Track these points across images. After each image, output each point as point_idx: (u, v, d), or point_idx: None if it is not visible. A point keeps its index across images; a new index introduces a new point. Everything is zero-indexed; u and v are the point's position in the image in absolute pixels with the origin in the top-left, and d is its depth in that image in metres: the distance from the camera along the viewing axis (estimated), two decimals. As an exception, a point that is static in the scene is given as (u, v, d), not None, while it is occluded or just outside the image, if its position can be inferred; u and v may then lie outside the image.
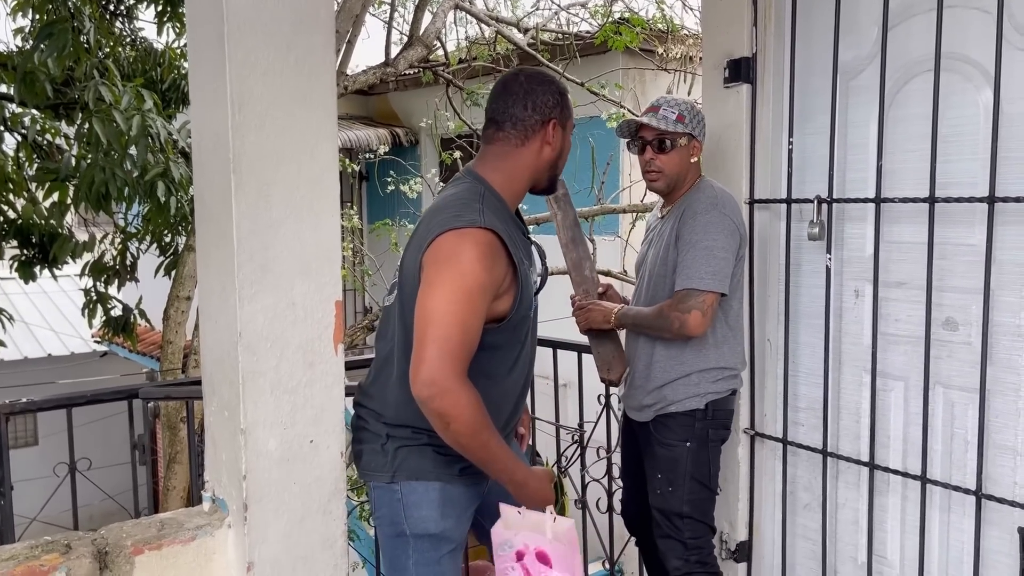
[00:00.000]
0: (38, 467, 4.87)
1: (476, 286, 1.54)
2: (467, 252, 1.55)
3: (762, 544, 2.41)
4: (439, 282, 1.55)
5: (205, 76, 1.62)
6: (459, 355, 1.52)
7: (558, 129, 1.73)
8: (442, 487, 1.67)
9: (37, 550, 1.51)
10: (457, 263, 1.55)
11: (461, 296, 1.53)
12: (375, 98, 8.92)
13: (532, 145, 1.72)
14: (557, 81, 1.78)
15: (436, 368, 1.50)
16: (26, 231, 5.13)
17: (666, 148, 2.13)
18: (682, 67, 6.17)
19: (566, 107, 1.76)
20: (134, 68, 5.47)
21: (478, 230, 1.57)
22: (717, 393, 2.12)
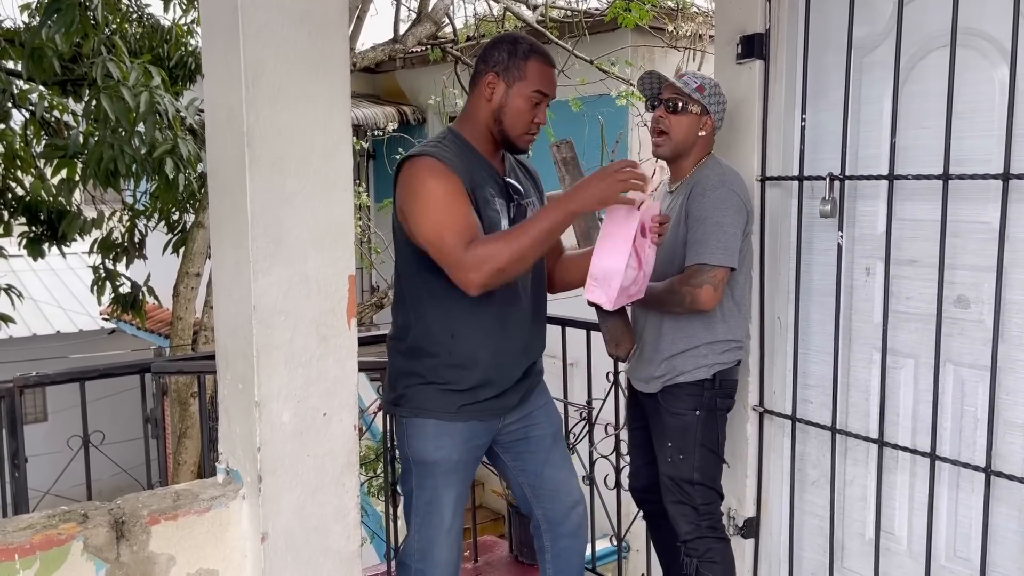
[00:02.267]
0: (48, 443, 4.91)
1: (442, 191, 1.77)
2: (420, 173, 1.80)
3: (770, 520, 2.43)
4: (418, 209, 1.79)
5: (218, 49, 1.62)
6: (467, 238, 1.73)
7: (498, 82, 1.86)
8: (436, 422, 1.88)
9: (55, 519, 1.53)
10: (420, 184, 1.79)
11: (438, 204, 1.76)
12: (382, 76, 8.89)
13: (477, 95, 1.90)
14: (521, 42, 1.90)
15: (463, 264, 1.72)
16: (34, 208, 5.14)
17: (677, 110, 2.14)
18: (692, 45, 6.13)
19: (515, 66, 1.86)
20: (141, 45, 5.45)
21: (423, 158, 1.81)
22: (724, 364, 2.15)
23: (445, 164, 1.80)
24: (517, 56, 1.86)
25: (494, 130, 1.90)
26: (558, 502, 2.06)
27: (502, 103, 1.87)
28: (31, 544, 1.45)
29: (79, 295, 10.52)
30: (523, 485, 2.07)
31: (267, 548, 1.64)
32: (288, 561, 1.67)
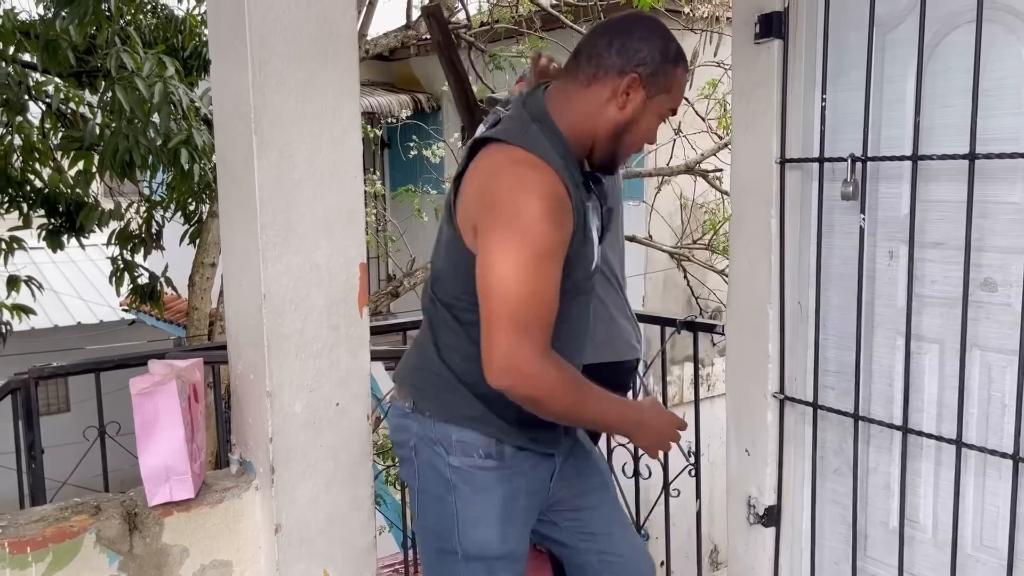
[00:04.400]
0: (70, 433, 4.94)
1: (542, 237, 1.30)
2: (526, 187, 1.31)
3: (791, 509, 2.39)
4: (499, 229, 1.31)
5: (225, 35, 1.59)
6: (539, 326, 1.33)
7: (638, 89, 1.44)
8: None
9: (67, 511, 1.52)
10: (517, 203, 1.30)
11: (529, 251, 1.30)
12: (396, 63, 8.85)
13: (599, 91, 1.44)
14: (671, 40, 1.49)
15: (511, 355, 1.31)
16: (53, 200, 5.17)
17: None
18: (709, 27, 6.06)
19: (663, 74, 1.46)
20: (155, 35, 5.46)
21: (534, 161, 1.32)
22: None
23: (563, 191, 1.36)
24: (668, 60, 1.47)
25: (602, 141, 1.48)
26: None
27: (635, 116, 1.46)
28: (43, 536, 1.44)
29: (99, 286, 10.60)
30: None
31: (281, 539, 1.63)
32: (302, 552, 1.65)
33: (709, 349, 6.29)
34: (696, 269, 6.52)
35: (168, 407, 1.52)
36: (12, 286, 5.25)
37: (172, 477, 1.56)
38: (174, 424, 1.52)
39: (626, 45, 1.43)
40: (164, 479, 1.56)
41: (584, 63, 1.45)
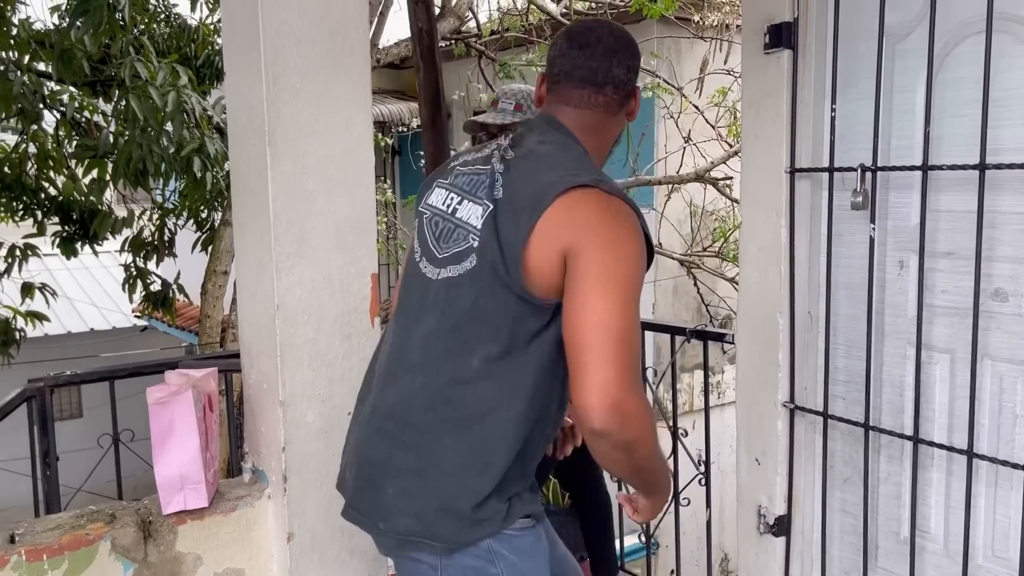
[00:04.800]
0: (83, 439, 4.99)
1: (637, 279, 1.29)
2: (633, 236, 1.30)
3: (801, 518, 2.39)
4: (603, 272, 1.27)
5: (239, 47, 1.61)
6: (637, 370, 1.29)
7: (636, 100, 1.53)
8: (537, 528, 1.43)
9: (83, 519, 1.54)
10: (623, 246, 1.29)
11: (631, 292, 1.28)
12: (407, 72, 8.89)
13: (621, 115, 1.49)
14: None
15: (623, 391, 1.23)
16: (67, 207, 5.22)
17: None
18: (718, 35, 6.06)
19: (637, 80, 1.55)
20: (169, 44, 5.51)
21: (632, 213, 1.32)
22: None
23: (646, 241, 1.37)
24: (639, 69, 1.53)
25: (605, 156, 1.55)
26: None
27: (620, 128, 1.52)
28: (59, 544, 1.46)
29: (112, 293, 10.67)
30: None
31: (293, 548, 1.64)
32: (314, 561, 1.67)
33: (719, 356, 6.29)
34: (706, 276, 6.52)
35: (184, 417, 1.53)
36: (26, 293, 5.30)
37: (186, 486, 1.57)
38: (189, 433, 1.54)
39: (632, 65, 1.48)
40: (179, 488, 1.57)
41: (611, 93, 1.47)
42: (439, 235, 1.43)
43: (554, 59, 1.55)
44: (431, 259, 1.43)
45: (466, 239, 1.39)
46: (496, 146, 1.47)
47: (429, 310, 1.40)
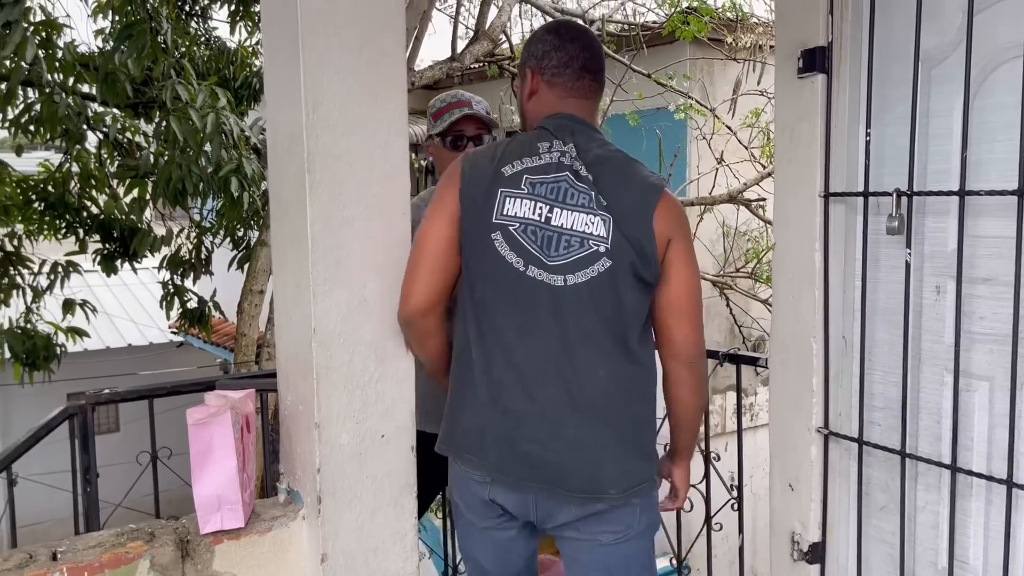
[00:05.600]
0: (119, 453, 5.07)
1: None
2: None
3: (836, 546, 2.35)
4: (691, 254, 1.77)
5: (280, 76, 1.65)
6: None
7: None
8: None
9: (123, 538, 1.57)
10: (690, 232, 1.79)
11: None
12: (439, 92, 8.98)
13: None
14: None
15: (701, 336, 1.77)
16: (108, 226, 5.33)
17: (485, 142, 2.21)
18: (751, 56, 6.06)
19: None
20: (208, 67, 5.62)
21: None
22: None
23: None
24: None
25: None
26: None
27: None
28: (100, 562, 1.49)
29: (149, 309, 10.85)
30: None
31: (327, 569, 1.65)
32: (347, 582, 1.68)
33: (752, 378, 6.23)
34: (739, 298, 6.48)
35: (222, 438, 1.56)
36: (68, 309, 5.41)
37: (224, 506, 1.60)
38: (227, 454, 1.57)
39: (601, 50, 1.87)
40: (216, 508, 1.60)
41: (589, 73, 1.81)
42: (543, 243, 1.67)
43: (546, 53, 1.82)
44: (542, 266, 1.66)
45: (585, 245, 1.67)
46: (559, 153, 1.72)
47: (575, 312, 1.66)
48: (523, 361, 1.66)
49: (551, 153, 1.72)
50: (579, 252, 1.66)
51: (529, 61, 1.86)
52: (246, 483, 1.65)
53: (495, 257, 1.66)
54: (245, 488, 1.64)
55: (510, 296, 1.66)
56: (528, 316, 1.65)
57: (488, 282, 1.67)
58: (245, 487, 1.64)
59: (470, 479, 1.74)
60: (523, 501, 1.72)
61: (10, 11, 3.69)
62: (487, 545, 1.83)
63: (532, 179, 1.69)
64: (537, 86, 1.84)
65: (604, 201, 1.68)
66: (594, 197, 1.69)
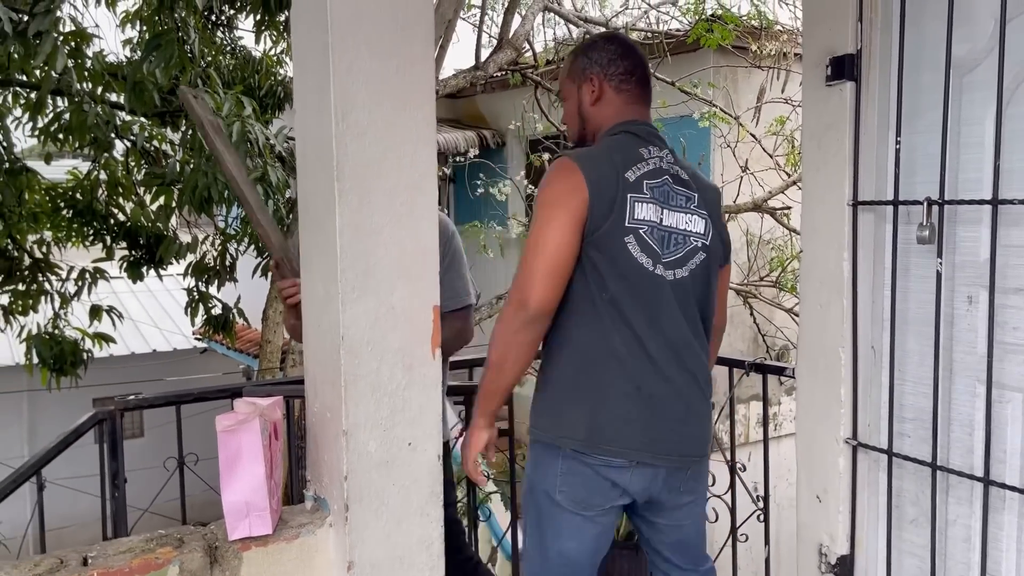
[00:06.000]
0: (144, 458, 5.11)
1: None
2: None
3: (865, 559, 2.33)
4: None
5: (309, 85, 1.66)
6: None
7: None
8: None
9: (152, 543, 1.58)
10: None
11: None
12: (462, 100, 9.01)
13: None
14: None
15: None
16: (134, 233, 5.39)
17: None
18: (776, 64, 6.02)
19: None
20: (233, 76, 5.67)
21: None
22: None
23: None
24: None
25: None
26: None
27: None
28: (130, 568, 1.50)
29: (174, 315, 10.95)
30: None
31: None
32: (373, 590, 1.68)
33: (776, 387, 6.18)
34: (763, 306, 6.43)
35: (250, 445, 1.57)
36: (95, 315, 5.46)
37: (252, 513, 1.60)
38: (255, 461, 1.57)
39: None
40: (244, 514, 1.60)
41: (647, 82, 2.06)
42: (661, 242, 1.89)
43: (612, 61, 2.00)
44: (661, 263, 1.89)
45: (687, 241, 1.94)
46: (658, 158, 1.95)
47: (684, 302, 1.92)
48: (656, 350, 1.87)
49: (654, 159, 1.93)
50: (683, 248, 1.93)
51: (592, 68, 2.02)
52: (274, 490, 1.65)
53: (627, 258, 1.84)
54: (273, 495, 1.65)
55: (640, 293, 1.86)
56: (655, 310, 1.87)
57: (621, 281, 1.84)
58: (273, 494, 1.65)
59: (597, 468, 1.86)
60: (654, 477, 1.91)
61: (41, 21, 3.74)
62: (587, 535, 1.92)
63: (649, 183, 1.89)
64: (603, 92, 2.02)
65: (702, 201, 1.97)
66: (695, 198, 1.97)
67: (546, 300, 1.79)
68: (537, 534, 1.95)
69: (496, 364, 1.85)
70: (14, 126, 4.99)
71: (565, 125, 2.19)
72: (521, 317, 1.79)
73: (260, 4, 4.81)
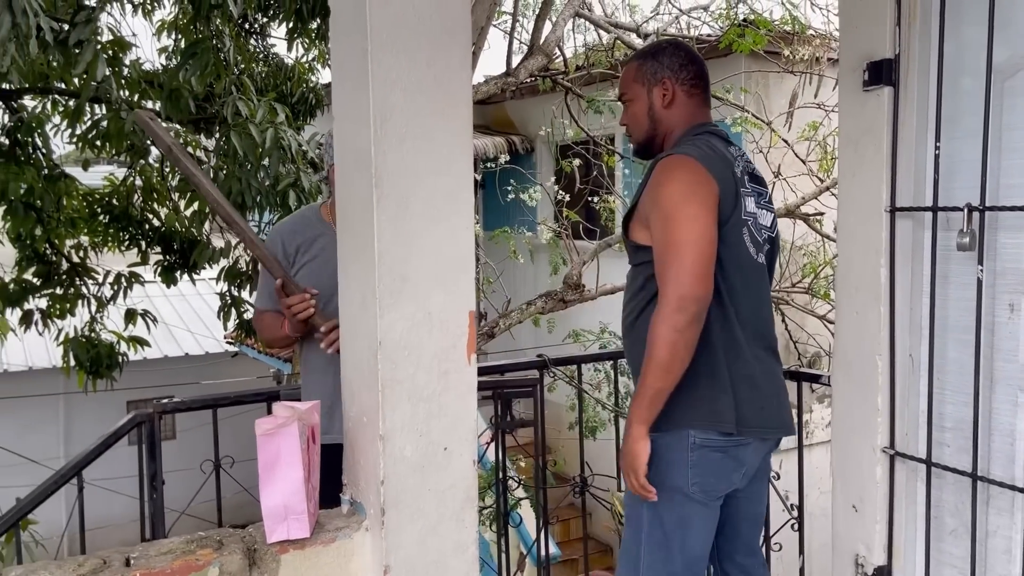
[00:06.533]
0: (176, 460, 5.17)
1: None
2: None
3: (903, 570, 2.29)
4: None
5: (348, 92, 1.68)
6: None
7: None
8: None
9: (192, 545, 1.60)
10: None
11: None
12: (492, 107, 9.04)
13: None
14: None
15: None
16: (169, 238, 5.46)
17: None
18: (809, 68, 5.97)
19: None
20: (266, 83, 5.74)
21: None
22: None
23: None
24: None
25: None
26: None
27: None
28: (172, 569, 1.52)
29: (206, 319, 11.07)
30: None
31: (389, 580, 1.66)
32: (409, 594, 1.69)
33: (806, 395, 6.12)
34: (794, 313, 6.37)
35: (289, 448, 1.59)
36: (129, 319, 5.54)
37: (290, 516, 1.62)
38: (294, 465, 1.59)
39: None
40: (283, 517, 1.62)
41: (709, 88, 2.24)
42: (756, 232, 2.08)
43: (683, 66, 2.13)
44: (757, 250, 2.08)
45: (762, 233, 2.12)
46: (739, 157, 2.11)
47: (766, 286, 2.15)
48: (762, 333, 2.09)
49: (738, 157, 2.11)
50: (760, 238, 2.10)
51: (663, 71, 2.15)
52: (311, 493, 1.67)
53: (743, 249, 2.02)
54: (310, 498, 1.66)
55: (749, 281, 2.05)
56: (757, 295, 2.09)
57: (738, 272, 2.01)
58: (310, 497, 1.66)
59: (727, 450, 1.99)
60: (765, 451, 2.14)
61: (81, 31, 3.81)
62: (711, 524, 2.05)
63: (742, 179, 2.07)
64: (676, 95, 2.14)
65: (769, 197, 2.17)
66: (765, 194, 2.15)
67: (708, 295, 1.87)
68: (660, 535, 1.99)
69: (664, 365, 1.86)
70: (53, 133, 5.09)
71: (626, 126, 2.23)
72: (687, 314, 1.84)
73: (292, 12, 4.87)
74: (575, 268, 5.75)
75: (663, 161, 2.00)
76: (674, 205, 1.90)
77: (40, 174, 4.92)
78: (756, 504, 2.25)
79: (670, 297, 1.84)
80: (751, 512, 2.24)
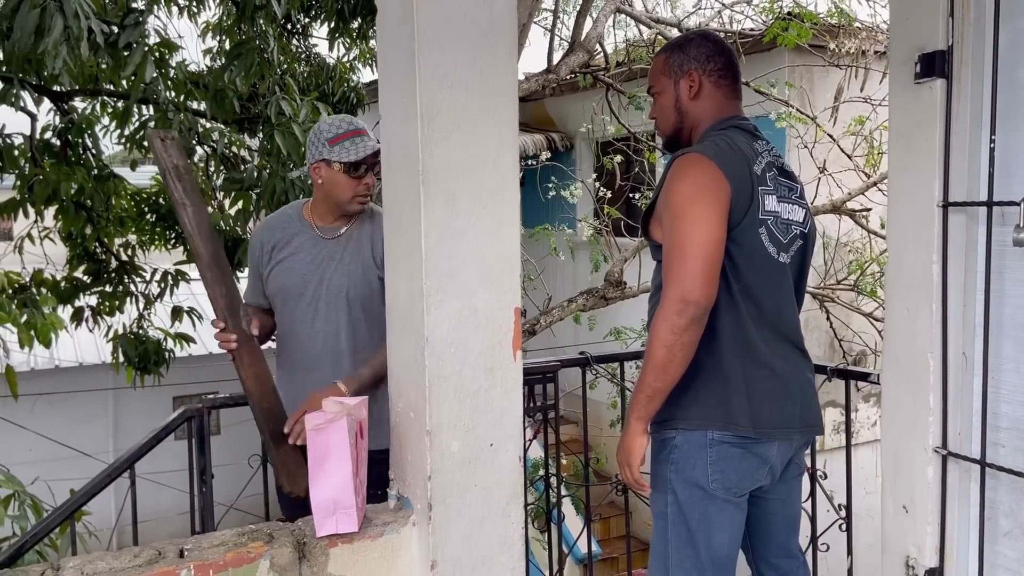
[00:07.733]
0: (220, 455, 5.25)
1: None
2: None
3: (955, 572, 2.25)
4: None
5: (395, 90, 1.69)
6: None
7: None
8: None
9: (244, 538, 1.62)
10: None
11: None
12: (531, 104, 9.04)
13: None
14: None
15: None
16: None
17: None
18: (855, 62, 5.87)
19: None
20: (308, 83, 5.80)
21: None
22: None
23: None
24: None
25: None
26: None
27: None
28: (224, 561, 1.54)
29: (248, 317, 11.18)
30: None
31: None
32: (456, 589, 1.69)
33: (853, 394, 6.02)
34: (839, 310, 6.27)
35: (338, 443, 1.60)
36: (176, 316, 5.64)
37: (339, 510, 1.64)
38: (343, 460, 1.60)
39: None
40: (332, 512, 1.64)
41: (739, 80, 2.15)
42: (779, 230, 2.02)
43: (710, 57, 2.07)
44: (783, 251, 2.03)
45: (791, 230, 2.06)
46: (767, 152, 2.07)
47: (788, 285, 2.07)
48: (785, 332, 2.04)
49: (764, 152, 2.05)
50: (789, 235, 2.04)
51: (690, 63, 2.10)
52: (359, 488, 1.68)
53: (760, 249, 1.97)
54: (358, 493, 1.67)
55: (768, 280, 1.99)
56: (780, 295, 2.03)
57: (754, 272, 1.96)
58: (358, 492, 1.68)
59: (748, 447, 1.96)
60: (788, 449, 2.09)
61: (131, 33, 3.89)
62: (736, 524, 2.01)
63: (768, 176, 2.02)
64: (703, 87, 2.10)
65: (801, 191, 2.11)
66: (797, 189, 2.10)
67: (710, 296, 1.84)
68: (685, 532, 1.98)
69: (661, 365, 1.85)
70: (102, 134, 5.20)
71: (654, 119, 2.21)
72: (687, 316, 1.82)
73: (334, 12, 4.91)
74: (616, 265, 5.72)
75: (678, 160, 1.97)
76: (682, 205, 1.87)
77: (90, 174, 5.03)
78: (789, 506, 2.22)
79: (671, 298, 1.82)
80: (784, 514, 2.21)
